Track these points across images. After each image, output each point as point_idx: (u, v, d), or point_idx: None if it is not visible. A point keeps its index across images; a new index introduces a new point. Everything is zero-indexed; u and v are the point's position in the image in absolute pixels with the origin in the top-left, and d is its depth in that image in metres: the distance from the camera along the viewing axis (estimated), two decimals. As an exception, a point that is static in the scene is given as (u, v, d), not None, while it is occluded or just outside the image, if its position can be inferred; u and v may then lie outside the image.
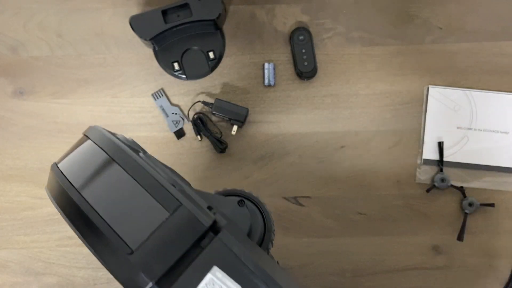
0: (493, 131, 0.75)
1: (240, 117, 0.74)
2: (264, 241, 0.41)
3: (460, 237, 0.72)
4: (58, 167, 0.32)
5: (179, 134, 0.76)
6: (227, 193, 0.40)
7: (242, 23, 0.78)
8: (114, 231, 0.26)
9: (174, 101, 0.77)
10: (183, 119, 0.76)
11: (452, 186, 0.73)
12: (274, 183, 0.75)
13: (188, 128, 0.76)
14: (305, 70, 0.75)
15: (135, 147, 0.35)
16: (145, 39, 0.74)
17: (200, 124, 0.75)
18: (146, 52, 0.78)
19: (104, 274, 0.74)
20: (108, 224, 0.26)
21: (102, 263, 0.27)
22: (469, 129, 0.75)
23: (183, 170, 0.74)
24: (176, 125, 0.76)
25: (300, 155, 0.75)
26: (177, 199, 0.28)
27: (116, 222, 0.26)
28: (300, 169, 0.75)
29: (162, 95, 0.76)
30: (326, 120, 0.76)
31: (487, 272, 0.73)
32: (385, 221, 0.74)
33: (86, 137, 0.35)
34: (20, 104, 0.77)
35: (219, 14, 0.73)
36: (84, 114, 0.76)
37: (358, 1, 0.79)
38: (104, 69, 0.77)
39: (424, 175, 0.74)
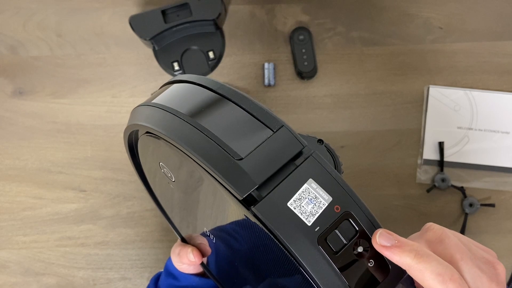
0: (494, 131, 0.75)
1: (240, 117, 0.74)
2: None
3: (460, 238, 0.72)
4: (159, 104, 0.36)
5: (179, 134, 0.75)
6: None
7: (242, 23, 0.78)
8: (225, 143, 0.32)
9: (174, 101, 0.77)
10: (183, 119, 0.76)
11: (452, 186, 0.73)
12: (274, 183, 0.74)
13: (188, 128, 0.76)
14: (305, 70, 0.75)
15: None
16: (145, 39, 0.73)
17: (200, 124, 0.75)
18: (146, 52, 0.78)
19: (103, 274, 0.73)
20: (220, 138, 0.32)
21: (213, 170, 0.31)
22: (470, 129, 0.75)
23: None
24: (176, 125, 0.75)
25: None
26: (279, 121, 0.33)
27: (227, 137, 0.32)
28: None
29: (162, 95, 0.76)
30: (326, 120, 0.76)
31: (487, 272, 0.72)
32: (385, 221, 0.73)
33: (174, 82, 0.39)
34: (20, 104, 0.77)
35: (219, 14, 0.73)
36: (84, 114, 0.76)
37: (358, 0, 0.79)
38: (103, 69, 0.77)
39: (425, 175, 0.74)
